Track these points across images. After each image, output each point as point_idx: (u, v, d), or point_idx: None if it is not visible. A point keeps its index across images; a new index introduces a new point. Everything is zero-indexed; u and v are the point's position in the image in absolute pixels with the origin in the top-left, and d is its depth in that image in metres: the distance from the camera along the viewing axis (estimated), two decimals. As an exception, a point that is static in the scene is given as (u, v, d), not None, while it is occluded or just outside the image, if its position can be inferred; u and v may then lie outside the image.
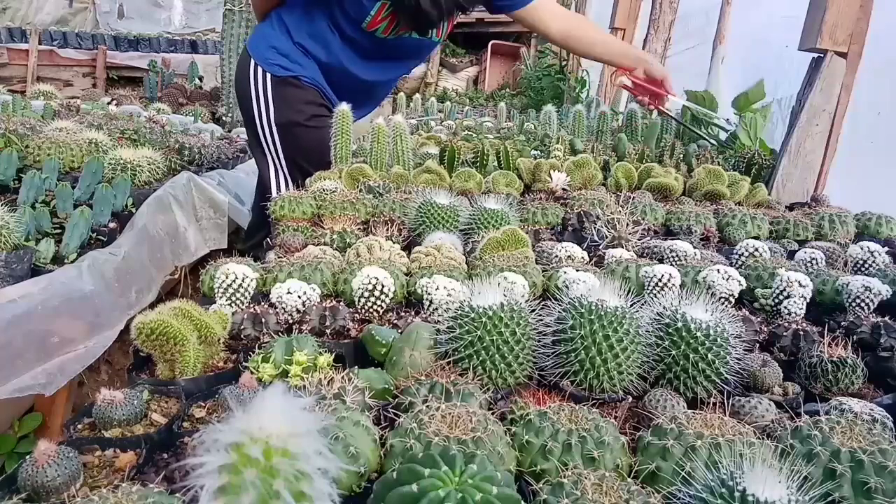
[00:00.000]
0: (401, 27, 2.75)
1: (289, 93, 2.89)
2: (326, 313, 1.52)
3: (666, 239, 2.24)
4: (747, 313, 1.64)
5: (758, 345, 1.54)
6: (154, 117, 4.78)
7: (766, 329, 1.60)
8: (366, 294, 1.58)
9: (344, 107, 2.99)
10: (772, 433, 1.13)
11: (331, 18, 2.80)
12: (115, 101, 6.47)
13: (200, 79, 8.32)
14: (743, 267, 1.98)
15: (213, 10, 11.22)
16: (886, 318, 1.56)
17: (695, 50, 5.59)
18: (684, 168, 3.22)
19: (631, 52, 3.36)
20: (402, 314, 1.62)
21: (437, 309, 1.55)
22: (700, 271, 1.79)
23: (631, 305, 1.32)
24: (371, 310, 1.60)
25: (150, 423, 1.20)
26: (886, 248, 2.04)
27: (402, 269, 1.80)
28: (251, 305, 1.60)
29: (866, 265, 1.97)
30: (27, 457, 0.97)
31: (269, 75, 2.88)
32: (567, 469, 0.96)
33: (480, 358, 1.29)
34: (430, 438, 0.97)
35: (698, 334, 1.29)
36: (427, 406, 1.05)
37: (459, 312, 1.33)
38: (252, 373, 1.26)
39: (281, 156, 2.96)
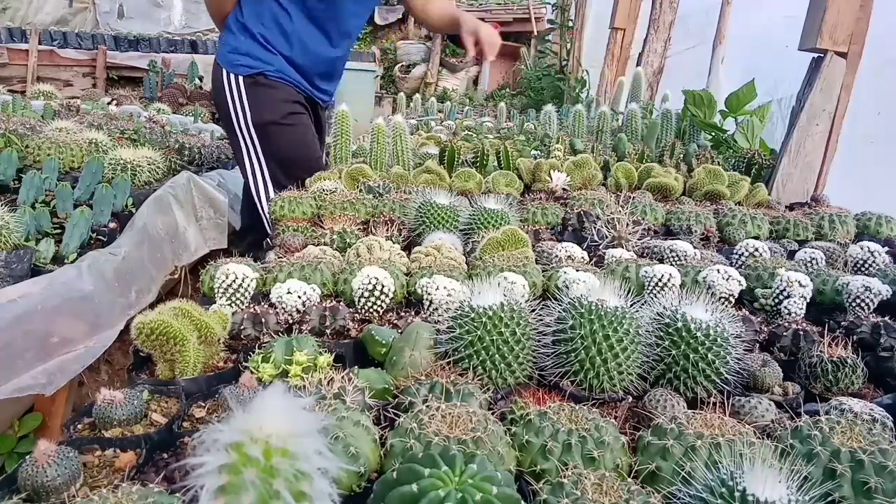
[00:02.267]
0: None
1: (261, 93, 2.93)
2: (326, 313, 1.52)
3: (666, 239, 2.24)
4: (747, 313, 1.64)
5: (758, 345, 1.54)
6: (154, 117, 4.78)
7: (766, 329, 1.60)
8: (366, 294, 1.58)
9: (343, 108, 3.00)
10: (772, 433, 1.13)
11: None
12: (115, 101, 6.47)
13: (200, 79, 8.32)
14: (743, 267, 1.98)
15: (213, 10, 11.19)
16: (886, 318, 1.56)
17: (695, 50, 5.59)
18: (684, 168, 3.22)
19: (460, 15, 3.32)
20: (402, 314, 1.62)
21: (437, 309, 1.55)
22: (700, 271, 1.80)
23: (631, 305, 1.32)
24: (371, 310, 1.60)
25: (150, 423, 1.20)
26: (886, 248, 2.04)
27: (402, 269, 1.80)
28: (251, 305, 1.60)
29: (866, 265, 1.97)
30: (27, 457, 0.97)
31: (239, 77, 2.91)
32: (567, 469, 0.96)
33: (480, 358, 1.29)
34: (430, 438, 0.97)
35: (698, 334, 1.30)
36: (427, 406, 1.05)
37: (459, 312, 1.33)
38: (252, 373, 1.26)
39: (261, 157, 2.98)
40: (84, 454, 1.08)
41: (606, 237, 2.19)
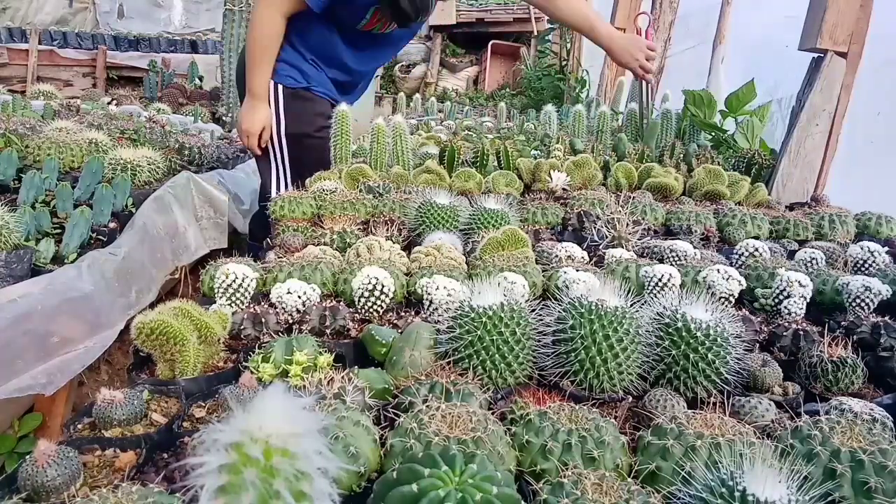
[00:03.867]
0: (389, 23, 2.88)
1: (300, 105, 2.99)
2: (326, 313, 1.52)
3: (666, 239, 2.24)
4: (747, 313, 1.63)
5: (758, 345, 1.54)
6: (154, 117, 4.78)
7: (766, 329, 1.60)
8: (366, 294, 1.58)
9: (343, 107, 3.01)
10: (772, 433, 1.13)
11: (329, 27, 2.91)
12: (115, 101, 6.48)
13: (200, 79, 8.33)
14: (743, 267, 1.98)
15: (213, 10, 11.22)
16: (886, 318, 1.56)
17: (695, 50, 5.59)
18: (684, 168, 3.22)
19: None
20: (402, 314, 1.62)
21: (437, 309, 1.55)
22: (700, 271, 1.79)
23: (631, 305, 1.32)
24: (371, 310, 1.60)
25: (150, 423, 1.20)
26: (886, 248, 2.04)
27: (402, 269, 1.80)
28: (251, 305, 1.60)
29: (866, 265, 1.97)
30: (27, 457, 0.97)
31: (279, 87, 2.95)
32: (567, 469, 0.96)
33: (480, 358, 1.29)
34: (430, 438, 0.97)
35: (698, 334, 1.29)
36: (427, 406, 1.05)
37: (459, 312, 1.33)
38: (252, 373, 1.26)
39: (287, 164, 3.05)
40: (84, 454, 1.08)
41: (606, 237, 2.19)
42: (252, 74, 2.88)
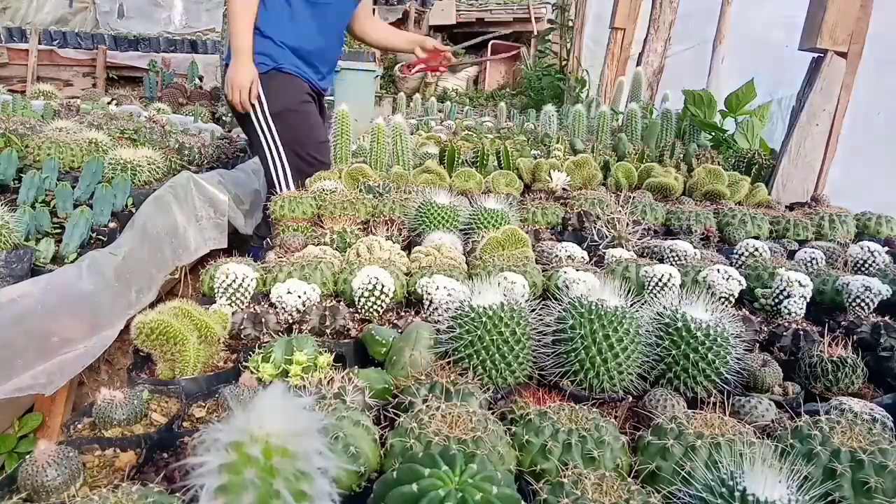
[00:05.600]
0: None
1: (277, 84, 3.05)
2: (326, 313, 1.52)
3: (666, 239, 2.24)
4: (747, 313, 1.63)
5: (758, 345, 1.54)
6: (154, 117, 4.77)
7: (766, 329, 1.60)
8: (366, 294, 1.58)
9: (343, 108, 3.02)
10: (772, 433, 1.13)
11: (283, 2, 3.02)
12: (115, 101, 6.47)
13: (200, 78, 8.32)
14: (743, 267, 1.98)
15: (213, 9, 11.23)
16: (886, 318, 1.56)
17: (695, 50, 5.59)
18: (684, 168, 3.22)
19: (403, 35, 3.70)
20: (402, 314, 1.62)
21: (437, 309, 1.55)
22: (700, 271, 1.79)
23: (631, 305, 1.32)
24: (371, 310, 1.60)
25: (150, 423, 1.20)
26: (886, 248, 2.04)
27: (402, 269, 1.80)
28: (251, 305, 1.59)
29: (866, 265, 1.97)
30: (27, 457, 0.97)
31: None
32: (567, 469, 0.96)
33: (480, 357, 1.29)
34: (430, 438, 0.97)
35: (698, 334, 1.29)
36: (427, 406, 1.05)
37: (459, 312, 1.33)
38: (252, 373, 1.26)
39: (280, 146, 3.10)
40: (84, 454, 1.08)
41: (606, 237, 2.19)
42: (236, 33, 2.98)
